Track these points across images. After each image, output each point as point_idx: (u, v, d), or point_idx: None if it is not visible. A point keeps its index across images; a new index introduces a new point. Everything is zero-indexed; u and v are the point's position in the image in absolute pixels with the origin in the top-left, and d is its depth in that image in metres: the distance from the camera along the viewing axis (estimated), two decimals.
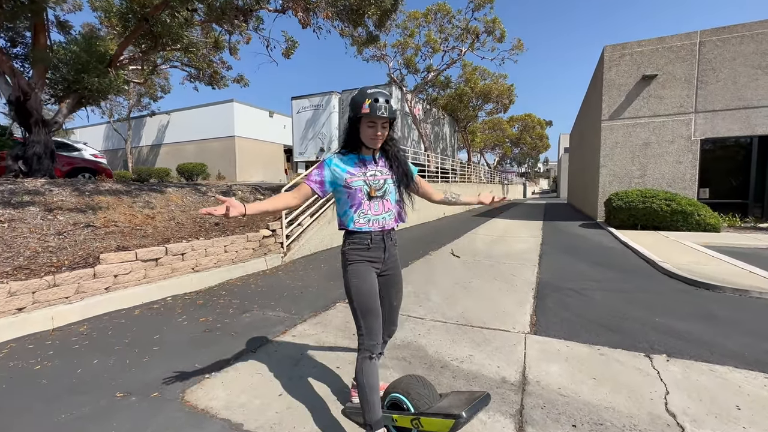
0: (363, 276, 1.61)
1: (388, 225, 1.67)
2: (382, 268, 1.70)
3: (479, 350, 2.69)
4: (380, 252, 1.67)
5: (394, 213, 1.71)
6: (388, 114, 1.50)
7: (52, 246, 3.76)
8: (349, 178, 1.59)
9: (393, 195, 1.69)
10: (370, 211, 1.62)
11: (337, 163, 1.62)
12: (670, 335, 2.87)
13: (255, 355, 2.58)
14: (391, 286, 1.76)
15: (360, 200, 1.61)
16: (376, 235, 1.65)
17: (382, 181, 1.64)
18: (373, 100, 1.47)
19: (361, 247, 1.64)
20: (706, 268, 4.79)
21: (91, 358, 2.49)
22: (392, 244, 1.73)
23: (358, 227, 1.61)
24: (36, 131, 6.21)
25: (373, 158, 1.67)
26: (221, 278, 4.56)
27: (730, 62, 9.30)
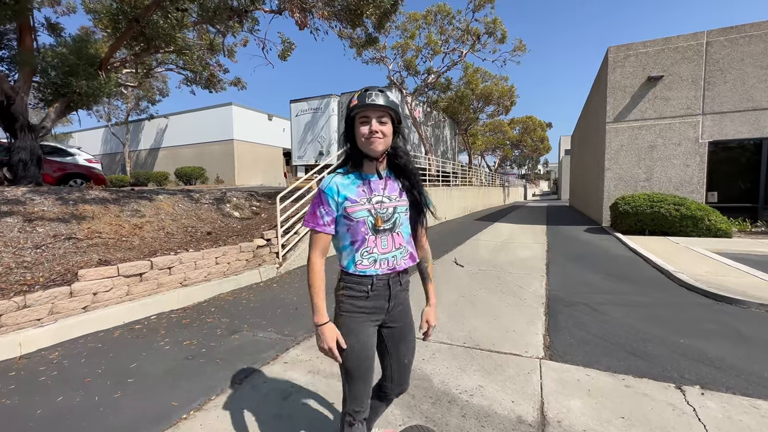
0: (356, 332, 1.27)
1: (399, 265, 1.31)
2: (386, 319, 1.35)
3: (490, 380, 2.42)
4: (383, 301, 1.31)
5: (408, 249, 1.35)
6: (384, 102, 1.19)
7: (27, 261, 3.50)
8: (350, 206, 1.25)
9: (405, 227, 1.34)
10: (377, 249, 1.27)
11: (338, 188, 1.26)
12: (699, 361, 2.60)
13: (241, 389, 2.31)
14: (398, 340, 1.39)
15: (363, 236, 1.26)
16: (379, 280, 1.28)
17: (391, 209, 1.29)
18: (363, 90, 1.22)
19: (359, 295, 1.28)
20: (725, 279, 4.53)
21: (56, 394, 2.22)
22: (401, 290, 1.36)
23: (361, 270, 1.26)
24: (22, 137, 5.97)
25: (379, 175, 1.31)
26: (212, 293, 4.29)
27: (738, 63, 9.06)
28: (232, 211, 6.64)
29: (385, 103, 1.20)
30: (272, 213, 6.59)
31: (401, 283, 1.36)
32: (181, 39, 7.46)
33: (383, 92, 1.22)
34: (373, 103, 1.18)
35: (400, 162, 1.33)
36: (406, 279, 1.38)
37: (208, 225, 5.76)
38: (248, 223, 6.34)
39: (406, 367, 1.44)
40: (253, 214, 6.88)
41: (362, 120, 1.22)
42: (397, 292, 1.34)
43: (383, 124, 1.22)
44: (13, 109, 5.72)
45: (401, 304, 1.39)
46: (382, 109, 1.21)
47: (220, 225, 5.93)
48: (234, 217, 6.44)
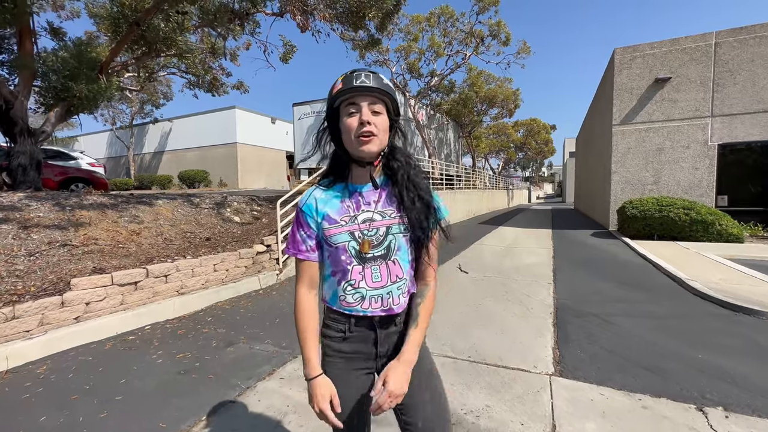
0: (335, 380, 0.99)
1: (397, 306, 0.99)
2: (377, 365, 1.05)
3: (498, 398, 2.28)
4: (365, 345, 1.02)
5: (407, 282, 1.02)
6: (377, 83, 0.92)
7: (19, 270, 3.41)
8: (328, 228, 0.98)
9: (404, 253, 1.00)
10: (365, 283, 0.98)
11: (315, 205, 1.01)
12: (720, 379, 2.45)
13: (233, 408, 2.19)
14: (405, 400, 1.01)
15: (346, 266, 0.98)
16: (361, 321, 1.00)
17: (383, 229, 0.98)
18: (350, 72, 0.94)
19: (335, 335, 1.03)
20: (741, 287, 4.35)
21: (39, 414, 2.11)
22: (396, 331, 1.03)
23: (347, 308, 0.99)
24: (21, 141, 5.91)
25: (374, 185, 1.00)
26: (209, 301, 4.18)
27: (748, 64, 8.87)
28: (232, 215, 6.54)
29: (378, 86, 0.92)
30: (273, 218, 6.49)
31: (396, 323, 1.03)
32: (183, 42, 7.41)
33: (375, 73, 0.94)
34: (364, 85, 0.90)
35: (397, 167, 1.00)
36: (402, 319, 1.04)
37: (208, 230, 5.67)
38: (249, 228, 6.24)
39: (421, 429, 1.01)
40: (254, 218, 6.79)
41: (350, 110, 0.93)
42: (389, 336, 1.03)
43: (377, 115, 0.94)
44: (12, 113, 5.67)
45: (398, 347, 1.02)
46: (374, 93, 0.93)
47: (220, 230, 5.83)
48: (234, 222, 6.34)
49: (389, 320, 1.02)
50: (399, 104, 1.01)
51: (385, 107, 0.97)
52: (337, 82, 0.95)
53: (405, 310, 1.03)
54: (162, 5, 5.71)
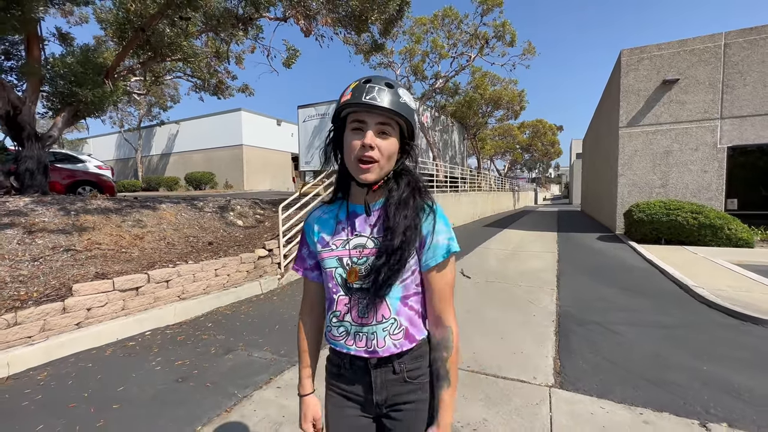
0: (331, 416, 0.95)
1: (381, 349, 0.86)
2: (377, 413, 0.93)
3: (495, 412, 2.25)
4: (363, 389, 0.91)
5: (402, 324, 0.88)
6: (390, 104, 0.78)
7: (23, 275, 3.45)
8: (321, 252, 0.91)
9: (395, 289, 0.86)
10: (350, 317, 0.88)
11: (311, 222, 0.97)
12: (725, 392, 2.39)
13: (228, 418, 2.18)
14: None
15: (332, 294, 0.91)
16: (357, 360, 0.90)
17: (372, 258, 0.86)
18: (363, 81, 0.82)
19: (332, 369, 0.97)
20: (749, 295, 4.26)
21: (36, 422, 2.12)
22: (396, 380, 0.89)
23: (332, 341, 0.92)
24: (28, 146, 6.00)
25: (367, 210, 0.89)
26: (210, 306, 4.20)
27: (759, 65, 8.71)
28: (235, 219, 6.57)
29: (390, 106, 0.78)
30: (276, 221, 6.50)
31: (395, 371, 0.89)
32: (188, 47, 7.48)
33: (392, 87, 0.81)
34: (373, 103, 0.77)
35: (391, 193, 0.88)
36: (410, 367, 0.89)
37: (211, 234, 5.70)
38: (251, 231, 6.26)
39: None
40: (257, 222, 6.81)
41: (354, 125, 0.81)
42: (388, 384, 0.89)
43: (384, 137, 0.81)
44: (20, 118, 5.76)
45: (404, 408, 0.90)
46: (385, 114, 0.80)
47: (223, 234, 5.86)
48: (237, 226, 6.37)
49: (383, 365, 0.89)
50: (416, 126, 0.89)
51: (398, 128, 0.85)
52: (347, 90, 0.83)
53: (398, 355, 0.88)
54: (166, 11, 5.76)
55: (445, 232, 0.89)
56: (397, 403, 0.90)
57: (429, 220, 0.88)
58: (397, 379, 0.89)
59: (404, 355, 0.89)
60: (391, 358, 0.88)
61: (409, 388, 0.90)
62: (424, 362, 0.92)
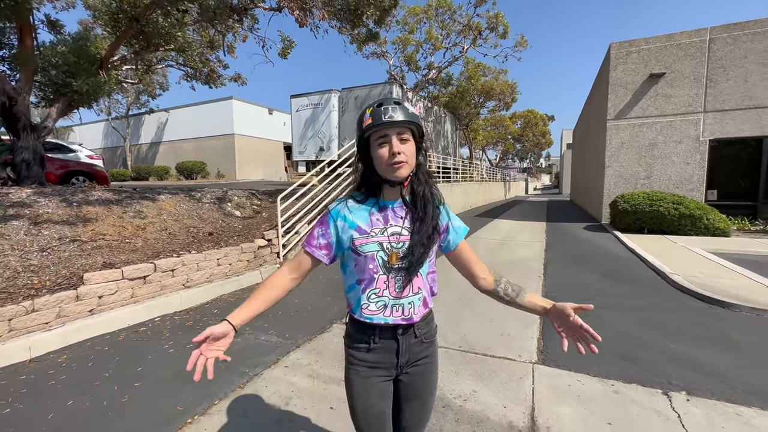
0: (359, 389, 1.11)
1: (416, 315, 1.09)
2: (397, 373, 1.15)
3: (484, 384, 2.50)
4: (390, 356, 1.11)
5: (425, 293, 1.13)
6: (404, 116, 1.00)
7: (34, 265, 3.58)
8: (359, 239, 1.06)
9: (425, 267, 1.11)
10: (389, 292, 1.07)
11: (345, 213, 1.09)
12: (688, 367, 2.68)
13: (242, 393, 2.40)
14: (410, 397, 1.17)
15: (372, 274, 1.06)
16: (385, 332, 1.10)
17: (407, 243, 1.07)
18: (377, 105, 1.02)
19: (360, 346, 1.12)
20: (719, 281, 4.59)
21: (66, 399, 2.31)
22: (417, 343, 1.13)
23: (368, 316, 1.08)
24: (24, 137, 6.01)
25: (404, 204, 1.10)
26: (214, 294, 4.38)
27: (741, 60, 9.00)
28: (233, 210, 6.70)
29: (405, 118, 1.00)
30: (273, 212, 6.65)
31: (417, 335, 1.12)
32: (182, 37, 7.45)
33: (400, 104, 1.02)
34: (392, 120, 0.99)
35: (417, 189, 1.10)
36: (425, 330, 1.14)
37: (210, 225, 5.83)
38: (249, 222, 6.41)
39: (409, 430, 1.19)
40: (255, 213, 6.95)
41: (380, 141, 1.02)
42: (411, 346, 1.12)
43: (405, 142, 1.02)
44: (15, 109, 5.75)
45: (420, 363, 1.15)
46: (402, 125, 1.02)
47: (222, 225, 6.00)
48: (235, 217, 6.50)
49: (409, 329, 1.11)
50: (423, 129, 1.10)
51: (412, 133, 1.05)
52: (366, 116, 1.02)
53: (422, 319, 1.13)
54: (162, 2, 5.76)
55: (457, 219, 1.23)
56: (415, 360, 1.15)
57: (443, 212, 1.17)
58: (417, 342, 1.14)
59: (423, 321, 1.15)
60: (416, 323, 1.12)
61: (424, 346, 1.16)
62: (432, 324, 1.21)
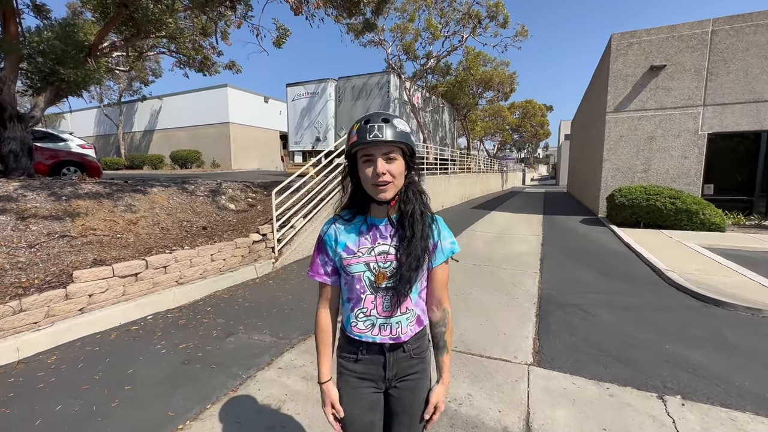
0: (347, 397, 1.12)
1: (405, 334, 1.08)
2: (386, 386, 1.14)
3: (479, 387, 2.49)
4: (377, 369, 1.11)
5: (416, 312, 1.11)
6: (392, 136, 0.94)
7: (22, 262, 3.50)
8: (347, 258, 1.05)
9: (415, 286, 1.08)
10: (376, 311, 1.06)
11: (335, 234, 1.09)
12: (683, 369, 2.68)
13: (235, 397, 2.37)
14: (398, 413, 1.15)
15: (359, 294, 1.06)
16: (373, 346, 1.10)
17: (396, 264, 1.04)
18: (363, 122, 0.97)
19: (348, 356, 1.13)
20: (714, 278, 4.60)
21: (54, 403, 2.27)
22: (405, 357, 1.11)
23: (357, 334, 1.09)
24: (11, 127, 5.83)
25: (390, 222, 1.07)
26: (207, 290, 4.33)
27: (742, 53, 8.89)
28: (227, 203, 6.61)
29: (393, 138, 0.95)
30: (268, 205, 6.57)
31: (405, 350, 1.11)
32: (173, 23, 7.22)
33: (389, 121, 0.96)
34: (376, 140, 0.94)
35: (405, 208, 1.05)
36: (415, 345, 1.13)
37: (204, 219, 5.75)
38: (244, 216, 6.33)
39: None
40: (249, 206, 6.86)
41: (365, 159, 0.99)
42: (399, 360, 1.11)
43: (391, 162, 0.98)
44: (0, 99, 5.58)
45: (410, 378, 1.13)
46: (388, 145, 0.97)
47: (216, 219, 5.92)
48: (229, 210, 6.42)
49: (398, 347, 1.10)
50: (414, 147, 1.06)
51: (401, 151, 1.01)
52: (353, 132, 0.99)
53: (412, 337, 1.11)
54: None
55: (449, 237, 1.14)
56: (404, 375, 1.13)
57: (435, 228, 1.10)
58: (405, 357, 1.12)
59: (413, 339, 1.12)
60: (404, 341, 1.10)
61: (414, 362, 1.13)
62: (425, 340, 1.17)
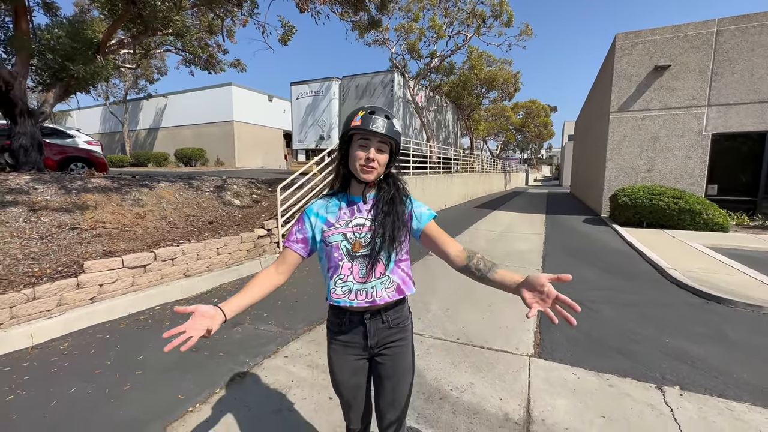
0: (335, 363, 1.26)
1: (381, 298, 1.17)
2: (370, 354, 1.26)
3: (480, 377, 2.54)
4: (359, 337, 1.22)
5: (394, 281, 1.21)
6: (386, 131, 1.11)
7: (34, 252, 3.59)
8: (327, 231, 1.19)
9: (386, 254, 1.18)
10: (353, 278, 1.17)
11: (317, 210, 1.23)
12: (682, 361, 2.72)
13: (243, 383, 2.43)
14: (382, 377, 1.25)
15: (337, 262, 1.18)
16: (354, 316, 1.21)
17: (369, 234, 1.17)
18: (369, 112, 1.12)
19: (334, 327, 1.26)
20: (716, 277, 4.62)
21: (69, 386, 2.34)
22: (384, 327, 1.22)
23: (336, 300, 1.18)
24: (21, 122, 5.94)
25: (364, 199, 1.22)
26: (214, 283, 4.40)
27: (747, 53, 8.88)
28: (232, 199, 6.69)
29: (388, 133, 1.12)
30: (272, 201, 6.65)
31: (384, 320, 1.22)
32: (180, 21, 7.31)
33: (389, 119, 1.13)
34: (376, 131, 1.10)
35: (385, 189, 1.22)
36: (394, 316, 1.23)
37: (209, 214, 5.83)
38: (249, 211, 6.40)
39: (388, 413, 1.26)
40: (254, 202, 6.93)
41: (361, 143, 1.14)
42: (378, 331, 1.22)
43: (381, 153, 1.15)
44: (11, 94, 5.67)
45: (392, 346, 1.24)
46: (384, 138, 1.13)
47: (221, 214, 5.99)
48: (234, 206, 6.49)
49: (378, 317, 1.21)
50: (400, 145, 1.22)
51: (390, 147, 1.18)
52: (356, 117, 1.12)
53: (391, 305, 1.22)
54: None
55: (422, 206, 1.30)
56: (386, 344, 1.25)
57: (408, 204, 1.26)
58: (384, 327, 1.23)
59: (390, 309, 1.23)
60: (381, 310, 1.21)
61: (393, 331, 1.25)
62: (404, 312, 1.28)
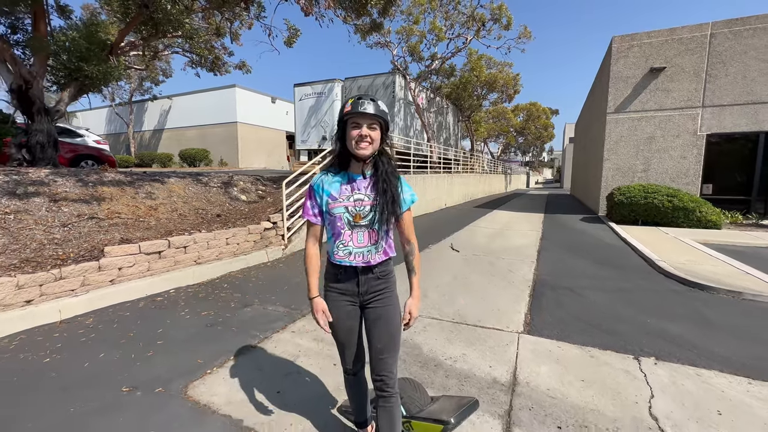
0: (331, 307, 1.49)
1: (374, 260, 1.45)
2: (362, 300, 1.50)
3: (473, 349, 2.76)
4: (352, 285, 1.47)
5: (383, 246, 1.48)
6: (375, 111, 1.33)
7: (57, 238, 3.84)
8: (331, 203, 1.42)
9: (381, 224, 1.43)
10: (352, 243, 1.43)
11: (321, 184, 1.46)
12: (660, 337, 2.93)
13: (255, 351, 2.66)
14: (371, 325, 1.49)
15: (339, 230, 1.43)
16: (349, 270, 1.46)
17: (368, 207, 1.42)
18: (356, 98, 1.35)
19: (331, 277, 1.51)
20: (702, 267, 4.83)
21: (97, 352, 2.58)
22: (373, 278, 1.47)
23: (338, 260, 1.45)
24: (38, 120, 6.23)
25: (363, 176, 1.45)
26: (223, 270, 4.64)
27: (741, 55, 9.10)
28: (239, 194, 6.94)
29: (375, 113, 1.34)
30: (277, 197, 6.89)
31: (373, 272, 1.47)
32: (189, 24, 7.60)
33: (374, 101, 1.36)
34: (365, 111, 1.32)
35: (380, 166, 1.44)
36: (382, 270, 1.49)
37: (218, 207, 6.08)
38: (255, 206, 6.65)
39: (380, 352, 1.47)
40: (259, 197, 7.18)
41: (354, 125, 1.36)
42: (368, 280, 1.47)
43: (373, 130, 1.37)
44: (30, 93, 5.96)
45: (377, 293, 1.49)
46: (373, 117, 1.35)
47: (229, 208, 6.24)
48: (241, 201, 6.74)
49: (368, 270, 1.47)
50: (389, 124, 1.45)
51: (380, 125, 1.41)
52: (347, 104, 1.37)
53: (380, 263, 1.48)
54: None
55: (408, 191, 1.53)
56: (374, 291, 1.50)
57: (399, 185, 1.49)
58: (374, 277, 1.49)
59: (380, 264, 1.49)
60: (373, 265, 1.47)
61: (380, 281, 1.50)
62: (390, 266, 1.55)
